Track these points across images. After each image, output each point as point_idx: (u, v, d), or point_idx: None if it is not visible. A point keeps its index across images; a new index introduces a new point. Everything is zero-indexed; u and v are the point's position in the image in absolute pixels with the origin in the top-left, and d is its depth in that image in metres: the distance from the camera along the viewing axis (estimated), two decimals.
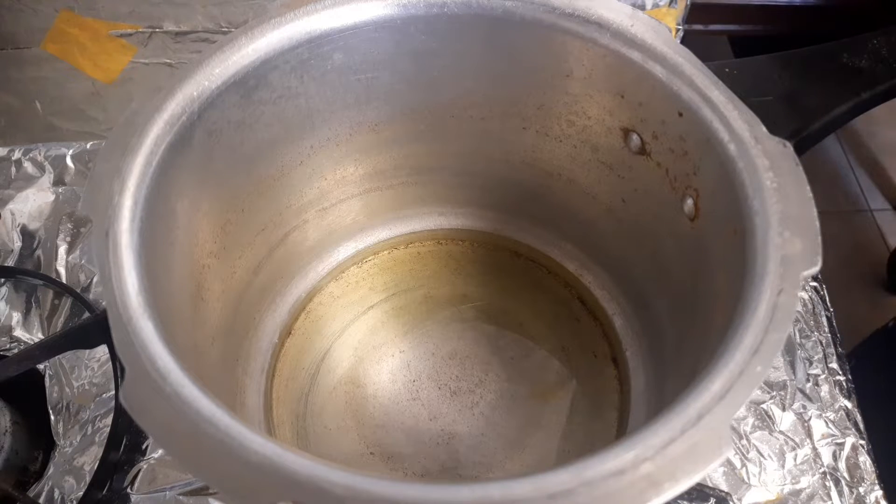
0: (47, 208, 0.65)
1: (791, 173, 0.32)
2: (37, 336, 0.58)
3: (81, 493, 0.49)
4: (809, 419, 0.53)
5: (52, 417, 0.53)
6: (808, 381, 0.55)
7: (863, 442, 0.52)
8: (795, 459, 0.51)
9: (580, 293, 0.57)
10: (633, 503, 0.25)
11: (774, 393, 0.54)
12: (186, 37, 0.78)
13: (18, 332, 0.58)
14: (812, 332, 0.57)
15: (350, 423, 0.52)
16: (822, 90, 0.45)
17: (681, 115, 0.36)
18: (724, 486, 0.50)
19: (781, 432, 0.52)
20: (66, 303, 0.59)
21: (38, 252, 0.62)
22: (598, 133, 0.44)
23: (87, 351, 0.55)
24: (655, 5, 0.66)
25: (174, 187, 0.35)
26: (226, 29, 0.78)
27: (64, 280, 0.61)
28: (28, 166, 0.67)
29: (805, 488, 0.50)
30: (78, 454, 0.51)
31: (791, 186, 0.32)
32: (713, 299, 0.35)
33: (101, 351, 0.55)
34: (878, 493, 0.50)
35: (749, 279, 0.30)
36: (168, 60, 0.77)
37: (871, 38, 0.48)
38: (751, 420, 0.53)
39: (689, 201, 0.38)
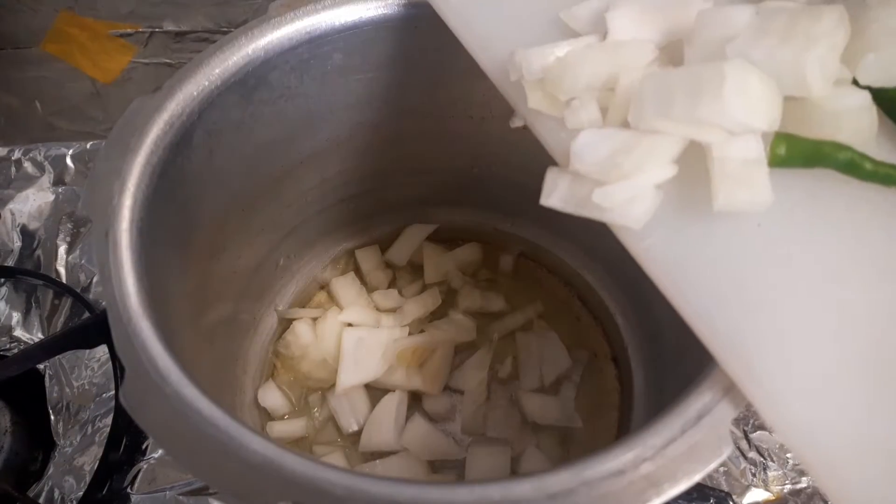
0: (47, 208, 0.65)
1: None
2: (37, 336, 0.58)
3: (81, 494, 0.49)
4: None
5: (52, 417, 0.53)
6: None
7: None
8: (795, 459, 0.51)
9: (580, 292, 0.57)
10: (633, 503, 0.25)
11: None
12: (186, 37, 0.78)
13: (18, 332, 0.58)
14: None
15: None
16: None
17: None
18: (724, 486, 0.50)
19: None
20: (66, 303, 0.59)
21: (38, 252, 0.62)
22: None
23: (87, 351, 0.55)
24: None
25: (174, 188, 0.35)
26: (226, 29, 0.78)
27: (64, 280, 0.61)
28: (28, 166, 0.67)
29: (805, 488, 0.50)
30: (78, 454, 0.51)
31: None
32: None
33: (101, 351, 0.55)
34: None
35: None
36: (168, 60, 0.77)
37: None
38: (751, 420, 0.53)
39: None
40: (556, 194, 0.28)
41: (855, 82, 0.28)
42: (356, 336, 0.52)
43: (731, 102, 0.25)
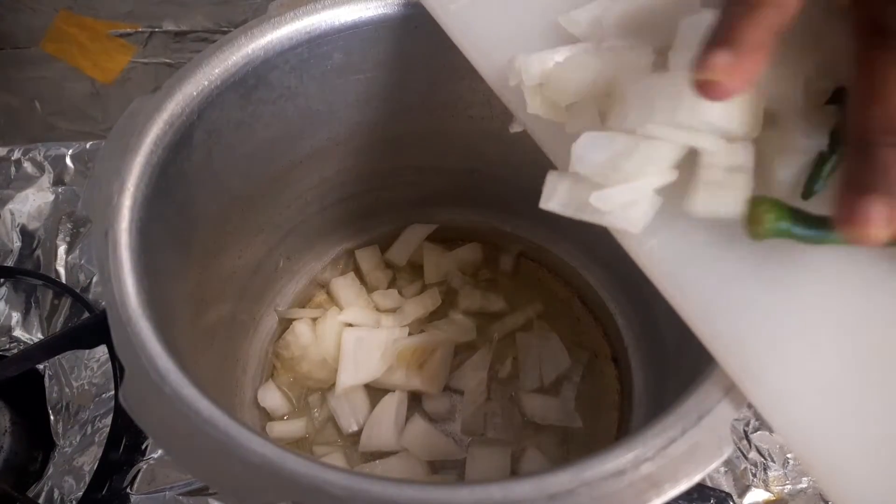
0: (47, 208, 0.65)
1: None
2: (36, 336, 0.58)
3: (81, 494, 0.49)
4: None
5: (52, 417, 0.53)
6: None
7: None
8: (796, 459, 0.51)
9: (581, 292, 0.57)
10: (633, 503, 0.25)
11: None
12: (186, 37, 0.78)
13: (18, 332, 0.58)
14: None
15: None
16: None
17: None
18: (724, 486, 0.50)
19: None
20: (66, 303, 0.59)
21: (38, 252, 0.62)
22: None
23: (87, 351, 0.55)
24: None
25: (174, 187, 0.35)
26: (226, 29, 0.78)
27: (63, 280, 0.61)
28: (27, 166, 0.67)
29: (806, 488, 0.50)
30: (77, 454, 0.51)
31: None
32: None
33: (101, 351, 0.55)
34: None
35: None
36: (168, 60, 0.77)
37: None
38: (751, 420, 0.53)
39: None
40: (556, 198, 0.28)
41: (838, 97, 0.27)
42: (356, 336, 0.52)
43: (708, 108, 0.25)
